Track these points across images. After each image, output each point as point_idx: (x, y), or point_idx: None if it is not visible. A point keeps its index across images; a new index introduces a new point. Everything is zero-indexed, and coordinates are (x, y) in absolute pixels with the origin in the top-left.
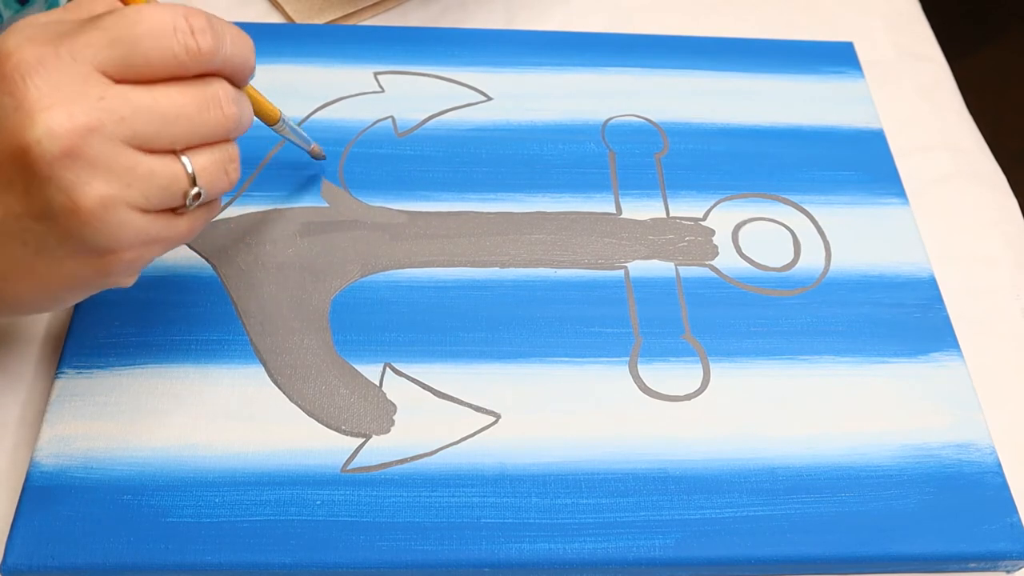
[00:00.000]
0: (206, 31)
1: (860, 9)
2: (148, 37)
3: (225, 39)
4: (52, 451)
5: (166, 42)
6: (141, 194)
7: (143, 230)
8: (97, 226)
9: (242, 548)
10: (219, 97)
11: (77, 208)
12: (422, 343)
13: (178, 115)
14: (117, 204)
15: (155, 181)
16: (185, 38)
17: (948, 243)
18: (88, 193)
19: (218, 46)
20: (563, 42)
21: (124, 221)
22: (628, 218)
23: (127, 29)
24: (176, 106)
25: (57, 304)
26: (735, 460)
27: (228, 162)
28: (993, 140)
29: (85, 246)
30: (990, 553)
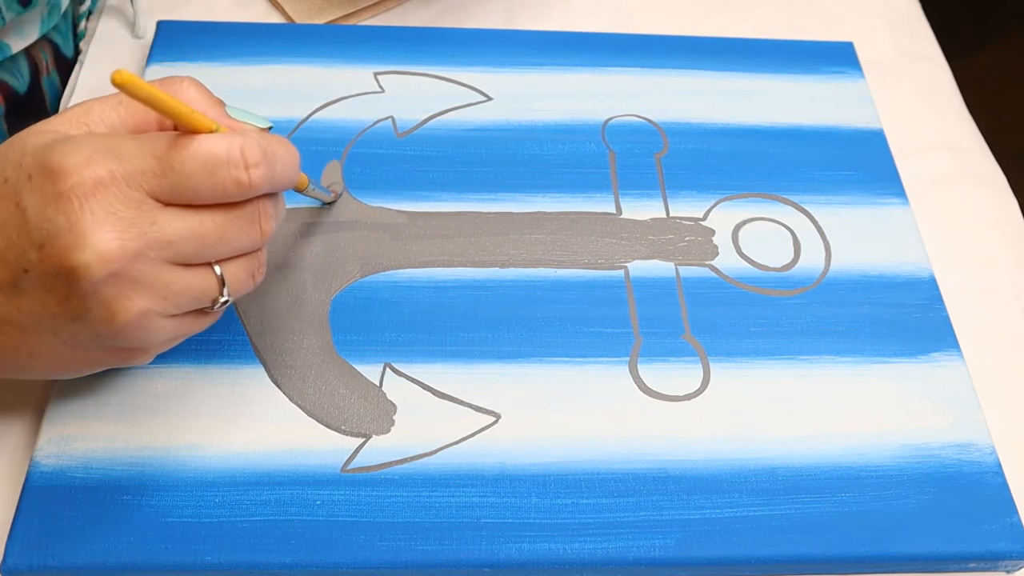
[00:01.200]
0: (260, 165)
1: (860, 9)
2: (201, 172)
3: (276, 165)
4: (52, 451)
5: (219, 176)
6: (175, 305)
7: (171, 332)
8: (131, 333)
9: (242, 548)
10: (258, 215)
11: (114, 319)
12: (422, 343)
13: (219, 237)
14: (152, 315)
15: (191, 294)
16: (238, 172)
17: (948, 243)
18: (128, 307)
19: (269, 176)
20: (563, 42)
21: (156, 328)
22: (628, 218)
23: (180, 162)
24: (219, 229)
25: (76, 375)
26: (735, 460)
27: (256, 268)
28: (993, 140)
29: (113, 342)
30: (990, 553)
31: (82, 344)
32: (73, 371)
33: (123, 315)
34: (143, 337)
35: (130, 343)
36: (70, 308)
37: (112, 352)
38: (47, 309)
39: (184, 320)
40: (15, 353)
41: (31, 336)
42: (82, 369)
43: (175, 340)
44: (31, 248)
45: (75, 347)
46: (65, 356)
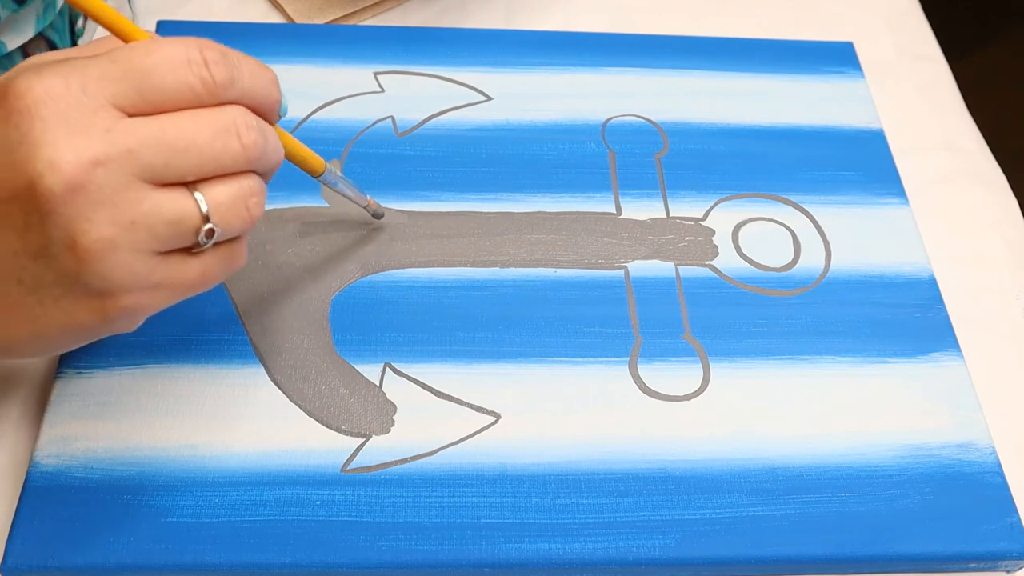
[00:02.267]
0: (220, 63)
1: (860, 9)
2: (161, 68)
3: (242, 71)
4: (52, 451)
5: (180, 74)
6: (147, 233)
7: (147, 273)
8: (96, 266)
9: (242, 548)
10: (236, 124)
11: (76, 246)
12: (422, 343)
13: (189, 145)
14: (119, 244)
15: (163, 217)
16: (200, 70)
17: (948, 243)
18: (88, 231)
19: (234, 77)
20: (563, 42)
21: (126, 262)
22: (628, 218)
23: (139, 61)
24: (187, 135)
25: (52, 349)
26: (735, 460)
27: (249, 196)
28: (993, 140)
29: (83, 287)
30: (990, 553)
31: (49, 293)
32: (46, 338)
33: (84, 239)
34: (112, 274)
35: (95, 281)
36: (30, 240)
37: (84, 304)
38: (7, 247)
39: (165, 260)
40: None
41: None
42: (56, 335)
43: (157, 289)
44: None
45: (42, 298)
46: (35, 313)
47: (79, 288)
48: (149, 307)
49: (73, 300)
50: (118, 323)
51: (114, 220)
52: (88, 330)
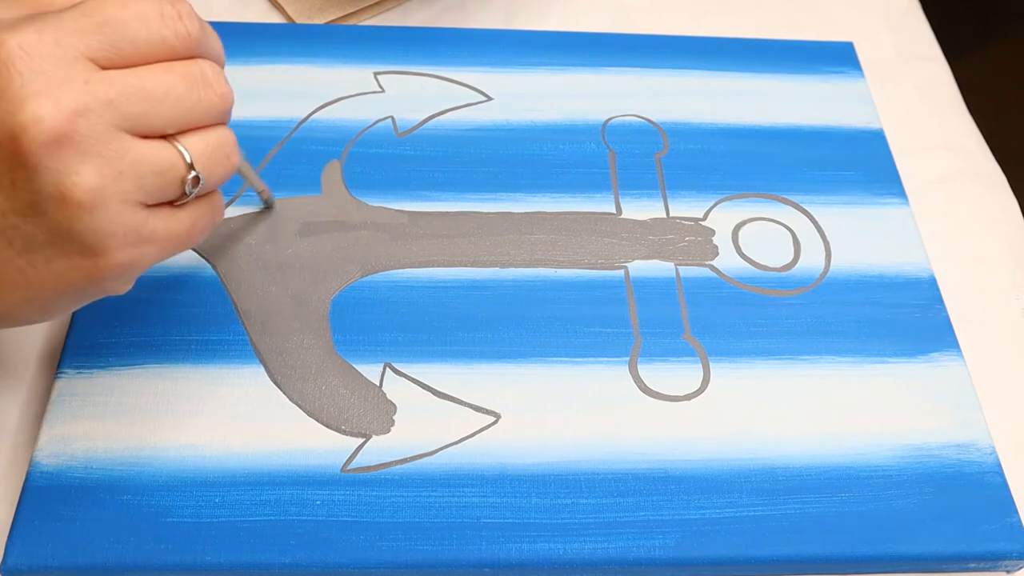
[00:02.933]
0: (191, 16)
1: (860, 9)
2: (135, 21)
3: (206, 27)
4: (52, 451)
5: (154, 26)
6: (135, 183)
7: (137, 226)
8: (87, 220)
9: (242, 548)
10: (208, 76)
11: (66, 198)
12: (422, 343)
13: (166, 94)
14: (108, 195)
15: (148, 167)
16: (173, 23)
17: (948, 243)
18: (77, 182)
19: (203, 32)
20: (563, 42)
21: (116, 214)
22: (628, 218)
23: (113, 14)
24: (164, 85)
25: (48, 313)
26: (735, 460)
27: (227, 145)
28: (993, 140)
29: (74, 242)
30: (990, 553)
31: (41, 254)
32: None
33: (74, 190)
34: (104, 226)
35: (87, 235)
36: (18, 198)
37: (77, 262)
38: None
39: (153, 213)
40: None
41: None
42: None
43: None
44: None
45: (34, 260)
46: (27, 275)
47: (71, 245)
48: (140, 263)
49: (65, 259)
50: (110, 281)
51: (101, 171)
52: (81, 290)
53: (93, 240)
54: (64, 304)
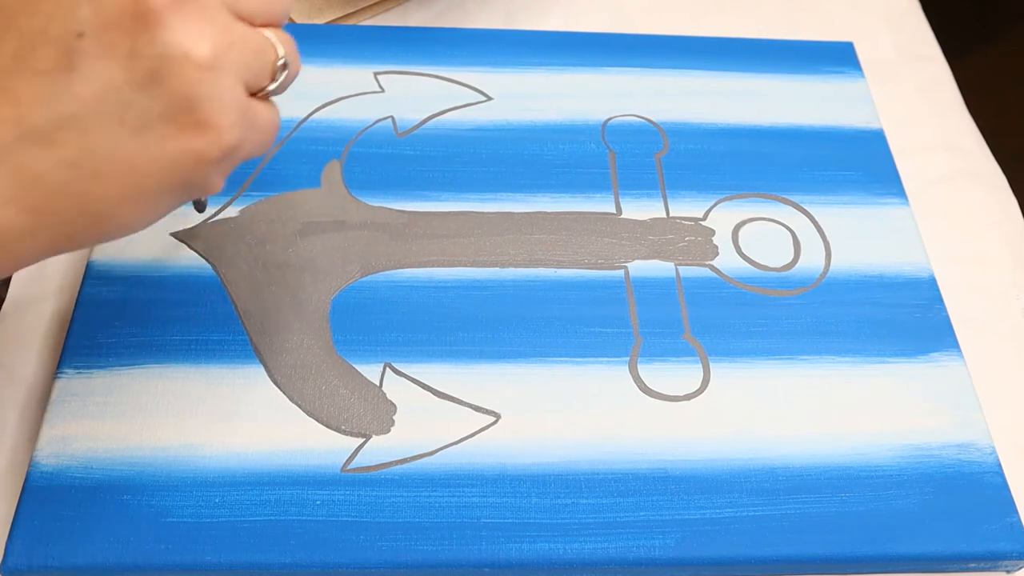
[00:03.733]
0: None
1: (860, 9)
2: None
3: None
4: (52, 451)
5: None
6: (241, 59)
7: (244, 105)
8: (207, 85)
9: (242, 548)
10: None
11: (189, 59)
12: (422, 343)
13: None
14: (224, 64)
15: (250, 45)
16: None
17: (948, 243)
18: (199, 44)
19: None
20: (563, 42)
21: (230, 86)
22: (628, 218)
23: None
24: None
25: (145, 214)
26: (735, 460)
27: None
28: (993, 140)
29: (192, 112)
30: (990, 553)
31: (155, 131)
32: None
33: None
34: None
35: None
36: (137, 67)
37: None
38: (110, 82)
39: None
40: (76, 175)
41: (93, 135)
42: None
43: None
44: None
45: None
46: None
47: (187, 116)
48: (242, 149)
49: (178, 137)
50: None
51: (218, 39)
52: (185, 181)
53: (209, 111)
54: (164, 201)
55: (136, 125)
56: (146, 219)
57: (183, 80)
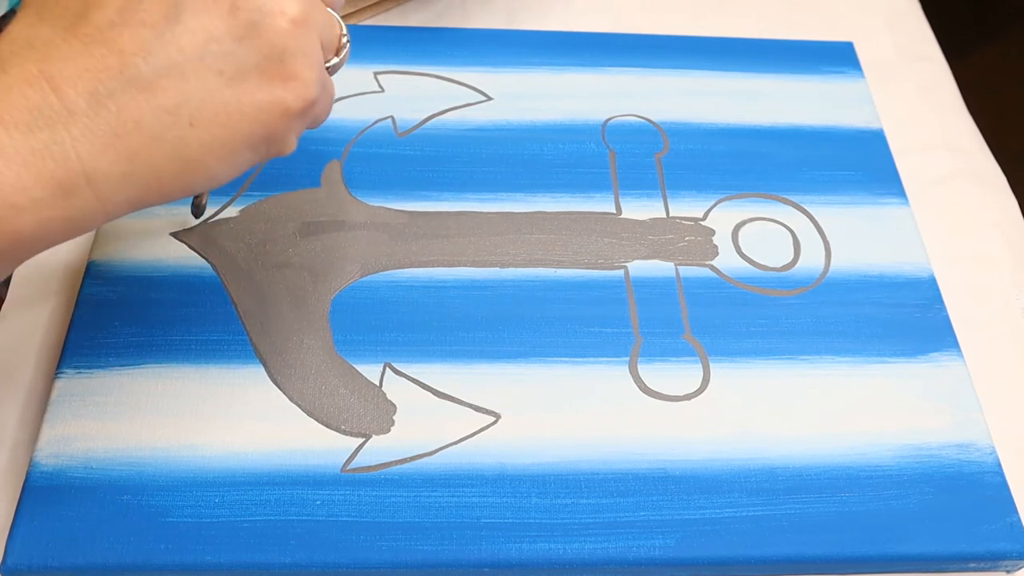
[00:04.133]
0: None
1: (860, 9)
2: None
3: None
4: (52, 451)
5: None
6: (318, 22)
7: (322, 64)
8: (297, 40)
9: (242, 548)
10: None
11: (284, 14)
12: (422, 343)
13: None
14: (311, 23)
15: (324, 16)
16: None
17: (948, 243)
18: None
19: None
20: (563, 42)
21: (314, 43)
22: (628, 218)
23: None
24: None
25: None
26: (735, 460)
27: None
28: (993, 140)
29: (282, 64)
30: (990, 553)
31: (249, 81)
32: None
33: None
34: (307, 49)
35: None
36: (239, 19)
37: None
38: (211, 32)
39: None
40: (173, 121)
41: (192, 83)
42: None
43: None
44: None
45: (240, 91)
46: (228, 108)
47: (278, 68)
48: (317, 108)
49: (268, 88)
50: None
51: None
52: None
53: (298, 65)
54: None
55: (232, 75)
56: (230, 171)
57: (277, 33)
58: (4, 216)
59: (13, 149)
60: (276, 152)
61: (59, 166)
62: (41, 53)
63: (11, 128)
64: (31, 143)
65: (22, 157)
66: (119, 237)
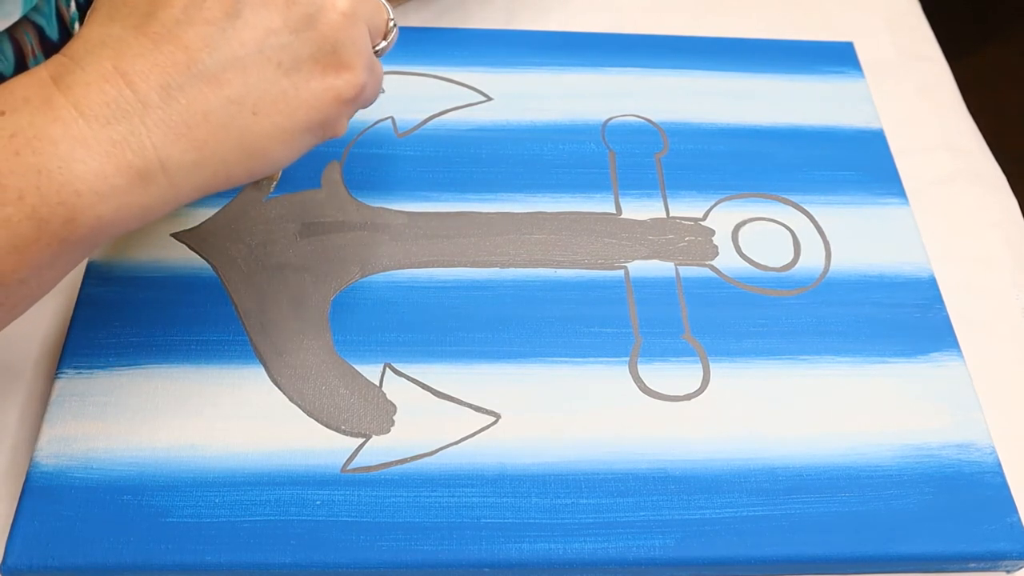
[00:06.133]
0: None
1: (860, 9)
2: None
3: None
4: (52, 451)
5: None
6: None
7: (370, 52)
8: (348, 31)
9: (242, 548)
10: None
11: (335, 8)
12: (422, 343)
13: None
14: (359, 15)
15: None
16: None
17: (948, 243)
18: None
19: None
20: (563, 42)
21: (362, 33)
22: (628, 218)
23: None
24: None
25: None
26: (735, 460)
27: None
28: (993, 140)
29: (335, 55)
30: (990, 553)
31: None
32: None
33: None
34: (356, 39)
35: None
36: (295, 12)
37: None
38: (269, 26)
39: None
40: (238, 111)
41: (253, 75)
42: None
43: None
44: None
45: (296, 82)
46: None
47: (331, 58)
48: (367, 92)
49: (321, 77)
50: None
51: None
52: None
53: (348, 54)
54: (306, 139)
55: (289, 66)
56: (290, 155)
57: (331, 26)
58: (88, 203)
59: (95, 140)
60: (331, 135)
61: (136, 156)
62: (114, 51)
63: (91, 121)
64: (110, 134)
65: (103, 148)
66: (119, 237)
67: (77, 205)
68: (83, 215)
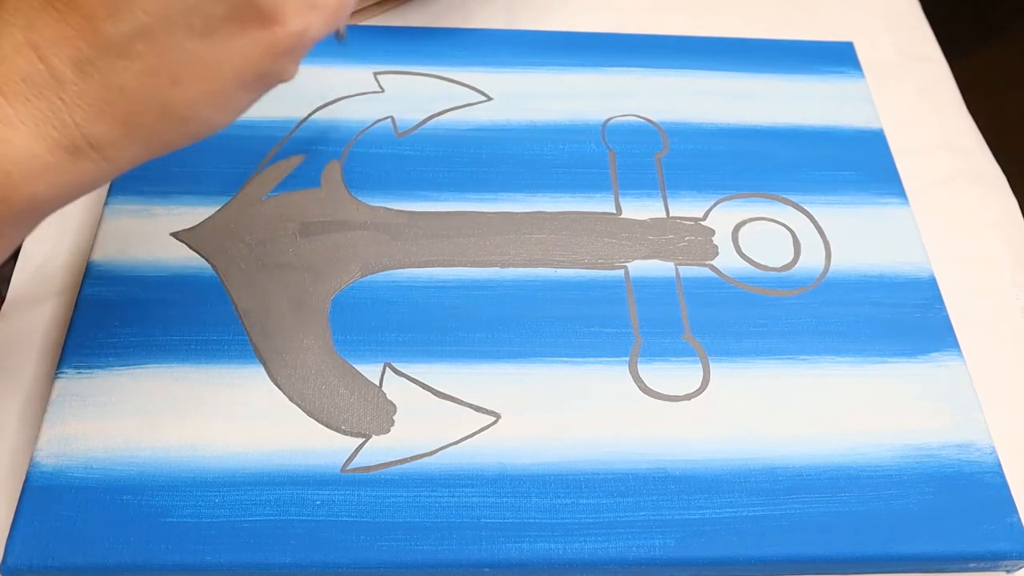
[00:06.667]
0: None
1: (860, 9)
2: None
3: None
4: (52, 451)
5: None
6: None
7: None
8: None
9: (242, 548)
10: None
11: None
12: (422, 343)
13: None
14: None
15: None
16: None
17: (948, 243)
18: None
19: None
20: (563, 42)
21: None
22: (628, 218)
23: None
24: None
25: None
26: (735, 460)
27: None
28: (993, 140)
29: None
30: (990, 553)
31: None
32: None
33: None
34: None
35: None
36: None
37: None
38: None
39: None
40: (156, 82)
41: (164, 43)
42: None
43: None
44: None
45: (214, 42)
46: (209, 61)
47: (250, 12)
48: (309, 33)
49: (244, 34)
50: (285, 57)
51: None
52: (260, 73)
53: (268, 5)
54: (243, 95)
55: (203, 28)
56: (227, 116)
57: None
58: (21, 182)
59: (18, 119)
60: (278, 82)
61: (61, 133)
62: (26, 20)
63: (11, 98)
64: (31, 112)
65: (27, 127)
66: (119, 237)
67: (8, 185)
68: (16, 194)
